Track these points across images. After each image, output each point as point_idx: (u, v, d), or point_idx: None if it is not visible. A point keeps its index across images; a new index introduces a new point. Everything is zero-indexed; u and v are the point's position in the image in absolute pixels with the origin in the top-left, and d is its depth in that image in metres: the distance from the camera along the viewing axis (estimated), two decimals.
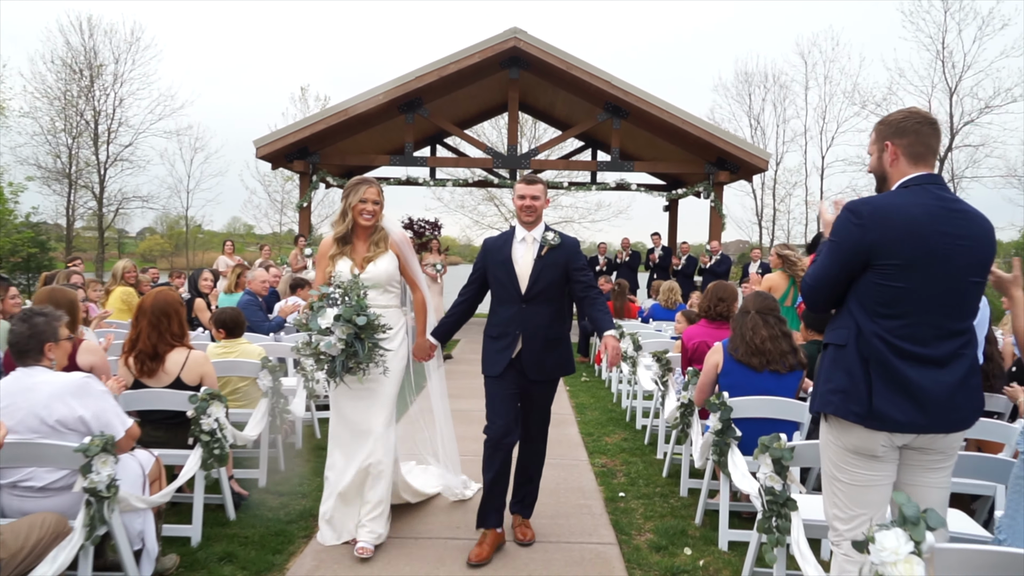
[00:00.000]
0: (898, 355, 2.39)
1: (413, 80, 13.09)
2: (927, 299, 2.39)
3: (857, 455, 2.46)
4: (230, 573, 3.62)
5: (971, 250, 2.40)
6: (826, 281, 2.53)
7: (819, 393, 2.57)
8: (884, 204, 2.44)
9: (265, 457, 4.95)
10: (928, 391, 2.38)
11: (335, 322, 3.62)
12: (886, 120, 2.57)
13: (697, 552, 3.96)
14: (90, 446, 2.82)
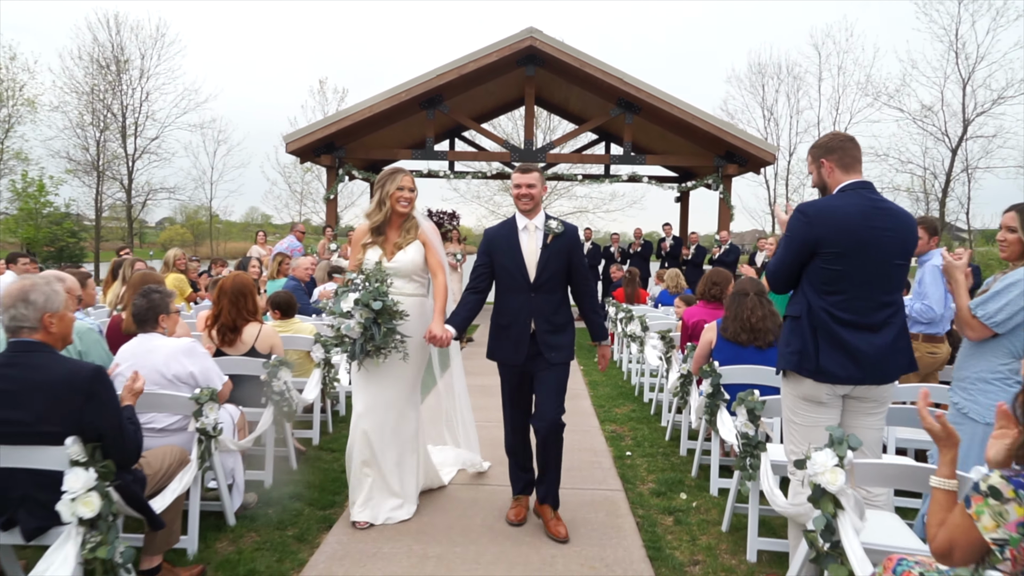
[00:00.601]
0: (839, 323, 3.07)
1: (434, 78, 13.74)
2: (861, 279, 3.06)
3: (807, 402, 3.15)
4: (299, 508, 4.36)
5: (894, 239, 3.06)
6: (783, 268, 3.21)
7: (782, 355, 3.25)
8: (826, 205, 3.11)
9: (318, 420, 5.70)
10: (863, 351, 3.06)
11: (355, 306, 3.82)
12: (817, 144, 3.26)
13: (691, 497, 4.66)
14: (201, 395, 3.56)
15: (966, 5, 27.65)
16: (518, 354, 3.99)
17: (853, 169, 3.20)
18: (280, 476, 4.82)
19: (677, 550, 3.88)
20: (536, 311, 3.98)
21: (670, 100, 13.64)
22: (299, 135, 14.44)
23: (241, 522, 4.10)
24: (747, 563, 3.72)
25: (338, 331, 3.94)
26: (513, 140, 28.70)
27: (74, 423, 2.65)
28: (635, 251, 15.25)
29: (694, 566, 3.71)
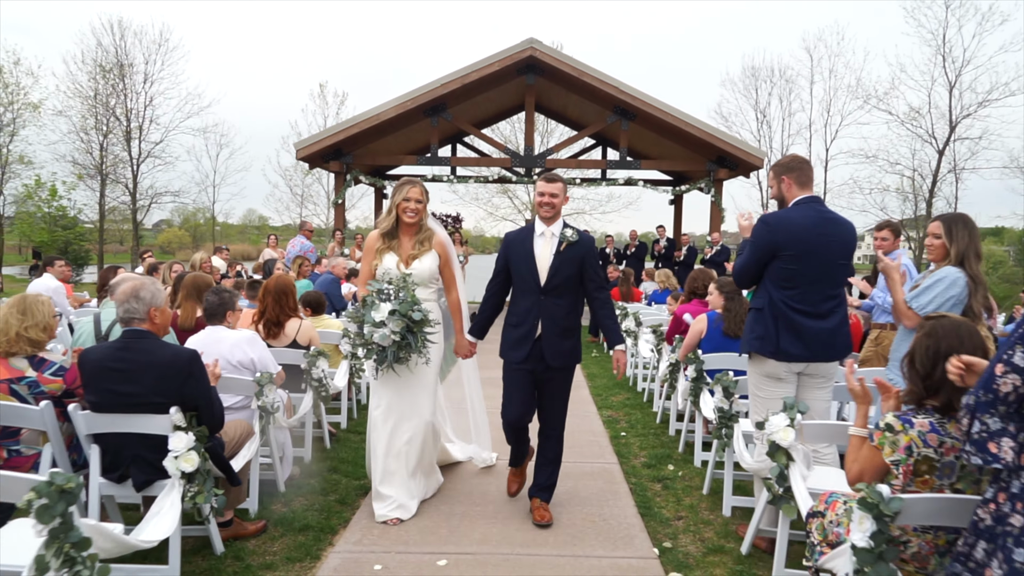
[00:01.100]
0: (795, 312, 3.73)
1: (438, 87, 14.40)
2: (812, 276, 3.73)
3: (768, 378, 3.82)
4: (337, 479, 5.01)
5: (839, 244, 3.74)
6: (749, 268, 3.87)
7: (747, 340, 3.92)
8: (783, 216, 3.78)
9: (345, 406, 6.37)
10: (814, 335, 3.73)
11: (389, 316, 3.94)
12: (779, 163, 3.93)
13: (677, 468, 5.33)
14: (262, 378, 4.21)
15: (953, 10, 28.37)
16: (519, 352, 4.17)
17: (807, 186, 3.88)
18: (317, 453, 5.48)
19: (664, 509, 4.55)
20: (545, 314, 4.12)
21: (664, 107, 14.31)
22: (309, 142, 15.12)
23: (289, 489, 4.75)
24: (723, 517, 4.39)
25: (368, 339, 4.04)
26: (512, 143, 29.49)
27: (176, 396, 3.31)
28: (631, 252, 15.93)
29: (678, 520, 4.38)
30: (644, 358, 7.95)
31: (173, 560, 3.34)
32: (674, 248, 15.69)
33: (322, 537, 4.03)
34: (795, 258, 3.71)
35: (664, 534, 4.17)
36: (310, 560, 3.76)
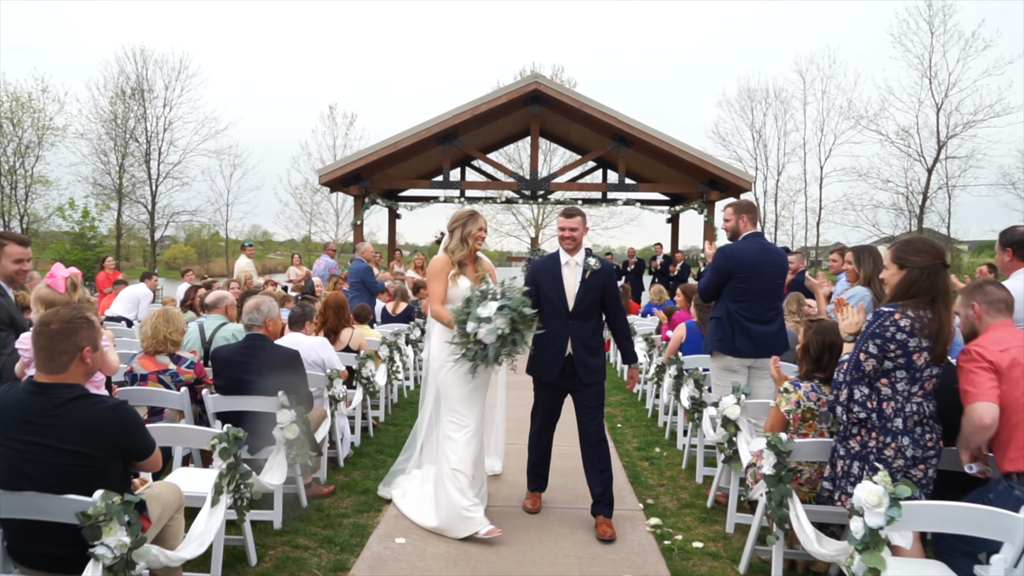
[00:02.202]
0: (747, 320, 4.90)
1: (451, 118, 15.66)
2: (758, 293, 4.89)
3: (725, 370, 4.98)
4: (383, 459, 6.15)
5: (776, 268, 4.93)
6: (711, 287, 5.04)
7: (710, 342, 5.07)
8: (737, 248, 4.96)
9: (383, 399, 7.53)
10: (761, 337, 4.89)
11: (498, 311, 4.09)
12: (738, 204, 5.10)
13: (662, 450, 6.48)
14: (332, 373, 5.38)
15: (938, 36, 29.74)
16: (551, 372, 4.53)
17: (755, 224, 5.06)
18: (364, 439, 6.64)
19: (649, 478, 5.69)
20: (573, 335, 4.50)
21: (659, 135, 15.54)
22: (330, 169, 16.40)
23: (347, 466, 5.90)
24: (696, 484, 5.53)
25: (471, 336, 4.17)
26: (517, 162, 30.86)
27: (282, 384, 4.47)
28: (630, 268, 17.10)
29: (660, 487, 5.52)
30: (639, 363, 9.10)
31: (277, 507, 4.51)
32: (669, 264, 16.85)
33: (380, 497, 5.18)
34: (745, 279, 4.88)
35: (648, 495, 5.31)
36: (373, 512, 4.90)
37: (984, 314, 3.32)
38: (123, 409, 2.81)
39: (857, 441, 3.27)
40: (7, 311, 4.13)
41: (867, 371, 3.20)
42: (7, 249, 4.27)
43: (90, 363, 2.82)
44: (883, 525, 2.60)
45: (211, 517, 3.39)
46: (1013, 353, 3.12)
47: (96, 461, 2.71)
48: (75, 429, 2.69)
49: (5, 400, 2.75)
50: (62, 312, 2.80)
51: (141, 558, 2.61)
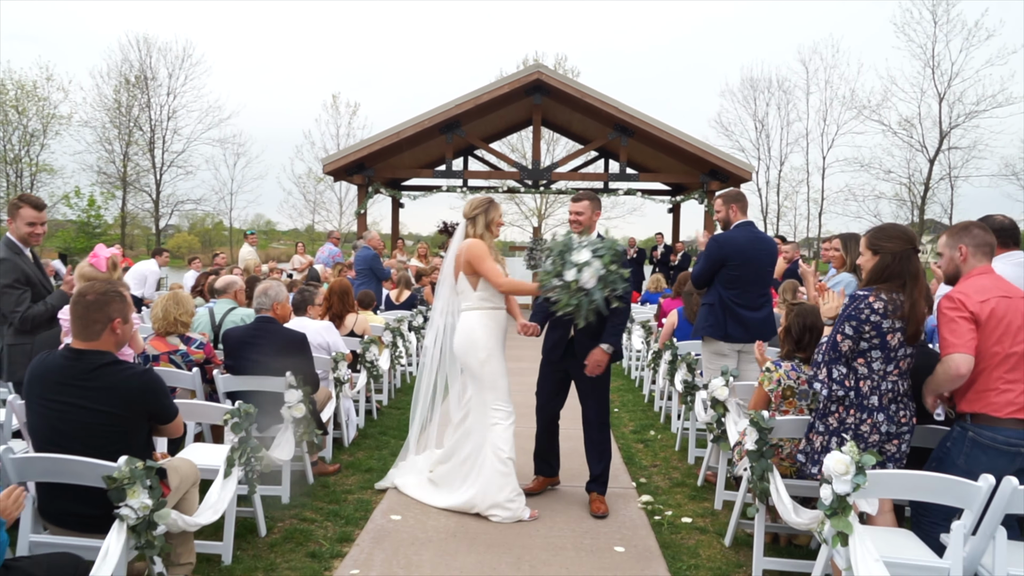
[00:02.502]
0: (738, 306, 5.08)
1: (453, 107, 15.80)
2: (749, 280, 5.07)
3: (717, 355, 5.16)
4: (387, 440, 6.36)
5: (766, 256, 5.10)
6: (704, 274, 5.22)
7: (701, 327, 5.25)
8: (729, 236, 5.13)
9: (386, 384, 7.74)
10: (751, 322, 5.07)
11: (592, 254, 4.14)
12: (727, 194, 5.26)
13: (657, 433, 6.68)
14: (337, 356, 5.58)
15: (941, 26, 29.73)
16: (557, 352, 4.70)
17: (745, 213, 5.23)
18: (368, 421, 6.85)
19: (643, 459, 5.89)
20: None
21: (660, 125, 15.67)
22: (335, 158, 16.55)
23: (352, 446, 6.11)
24: (687, 464, 5.74)
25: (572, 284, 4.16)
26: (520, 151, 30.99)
27: (290, 364, 4.67)
28: (630, 257, 17.28)
29: (653, 467, 5.72)
30: (636, 350, 9.29)
31: (284, 483, 4.72)
32: (670, 254, 17.02)
33: (383, 475, 5.37)
34: (737, 267, 5.06)
35: (642, 475, 5.51)
36: (376, 492, 5.11)
37: (970, 256, 3.37)
38: (150, 375, 3.07)
39: (835, 418, 3.45)
40: (23, 270, 4.38)
41: (843, 351, 3.37)
42: (22, 212, 4.52)
43: (120, 334, 3.05)
44: (850, 492, 2.78)
45: (224, 488, 3.60)
46: (992, 304, 3.20)
47: (124, 421, 2.97)
48: (106, 392, 2.94)
49: (44, 364, 3.01)
50: (97, 286, 3.06)
51: (162, 520, 2.82)
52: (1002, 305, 3.21)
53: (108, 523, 2.74)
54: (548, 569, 3.86)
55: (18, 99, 30.27)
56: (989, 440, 3.13)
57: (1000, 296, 3.24)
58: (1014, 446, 3.09)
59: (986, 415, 3.16)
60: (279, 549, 4.04)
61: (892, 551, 2.92)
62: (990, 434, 3.13)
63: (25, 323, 4.24)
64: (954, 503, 2.85)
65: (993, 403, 3.14)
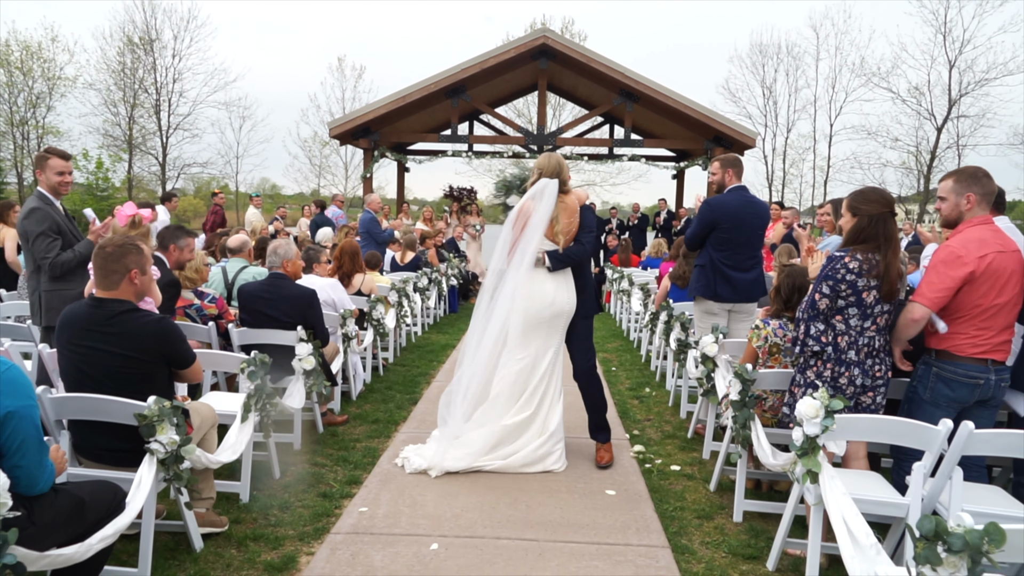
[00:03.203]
0: (728, 268, 5.28)
1: (459, 72, 15.82)
2: (739, 242, 5.26)
3: (707, 314, 5.38)
4: (392, 394, 6.63)
5: (757, 220, 5.28)
6: (696, 237, 5.40)
7: (694, 288, 5.46)
8: (722, 200, 5.31)
9: (392, 342, 8.00)
10: (740, 283, 5.28)
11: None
12: (726, 159, 5.41)
13: (652, 390, 6.94)
14: (345, 313, 5.82)
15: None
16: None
17: (740, 178, 5.40)
18: (375, 377, 7.13)
19: (637, 413, 6.16)
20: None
21: (665, 91, 15.68)
22: (340, 122, 16.65)
23: (359, 400, 6.39)
24: (679, 418, 6.00)
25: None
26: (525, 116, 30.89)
27: (301, 319, 4.91)
28: (632, 223, 17.41)
29: (647, 421, 5.99)
30: (636, 312, 9.51)
31: (296, 431, 5.00)
32: (672, 220, 17.14)
33: (389, 426, 5.66)
34: (728, 229, 5.25)
35: (635, 427, 5.78)
36: (383, 438, 5.38)
37: (976, 205, 3.45)
38: (166, 323, 3.30)
39: (814, 372, 3.67)
40: (55, 219, 4.60)
41: (821, 309, 3.58)
42: (50, 162, 4.71)
43: (139, 284, 3.27)
44: (819, 433, 3.02)
45: (241, 431, 3.86)
46: (990, 259, 3.33)
47: (143, 365, 3.21)
48: (125, 337, 3.17)
49: (72, 312, 3.26)
50: (116, 239, 3.27)
51: (188, 455, 3.08)
52: (998, 260, 3.35)
53: (137, 457, 3.01)
54: (543, 509, 4.14)
55: (23, 60, 30.22)
56: (951, 373, 3.40)
57: (997, 251, 3.36)
58: (974, 378, 3.37)
59: (950, 352, 3.42)
60: (292, 490, 4.33)
61: (859, 489, 3.16)
62: (952, 367, 3.40)
63: (55, 269, 4.46)
64: (915, 445, 3.09)
65: (959, 344, 3.39)
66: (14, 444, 2.23)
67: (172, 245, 4.74)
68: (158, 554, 3.35)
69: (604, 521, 4.00)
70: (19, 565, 2.09)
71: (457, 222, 16.45)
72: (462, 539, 3.73)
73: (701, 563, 3.57)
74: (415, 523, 3.91)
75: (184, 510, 3.35)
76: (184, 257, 4.82)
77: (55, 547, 2.35)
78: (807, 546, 3.20)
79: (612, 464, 4.88)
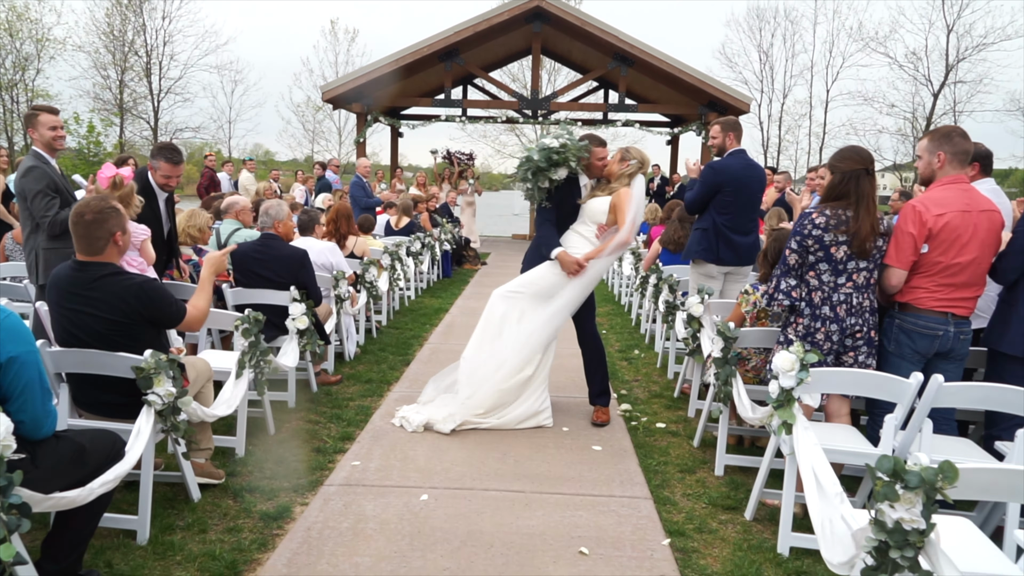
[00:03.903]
0: (729, 231, 5.34)
1: (452, 34, 15.67)
2: (741, 206, 5.32)
3: (706, 277, 5.46)
4: (386, 356, 6.74)
5: (757, 183, 5.36)
6: (699, 200, 5.44)
7: (694, 251, 5.52)
8: (724, 163, 5.35)
9: (385, 305, 8.10)
10: (741, 246, 5.36)
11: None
12: (726, 121, 5.43)
13: (641, 352, 7.06)
14: (338, 275, 5.89)
15: None
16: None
17: (739, 141, 5.44)
18: (368, 339, 7.23)
19: (626, 374, 6.29)
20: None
21: (659, 55, 15.57)
22: (333, 86, 16.51)
23: (353, 360, 6.49)
24: (667, 379, 6.13)
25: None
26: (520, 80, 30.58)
27: (294, 279, 4.98)
28: None
29: (635, 382, 6.12)
30: (627, 276, 9.61)
31: (291, 389, 5.10)
32: (666, 186, 17.17)
33: (382, 385, 5.77)
34: (732, 193, 5.30)
35: (623, 387, 5.91)
36: (376, 397, 5.50)
37: (947, 163, 3.56)
38: (148, 285, 3.30)
39: (792, 328, 3.77)
40: (51, 177, 4.63)
41: (792, 264, 3.68)
42: (41, 119, 4.72)
43: (122, 244, 3.29)
44: (794, 386, 3.13)
45: (236, 386, 3.96)
46: (947, 218, 3.45)
47: (128, 327, 3.23)
48: (108, 300, 3.20)
49: (58, 275, 3.28)
50: (93, 204, 3.20)
51: (184, 406, 3.18)
52: (956, 219, 3.45)
53: (135, 410, 3.09)
54: (531, 463, 4.27)
55: (10, 22, 29.71)
56: (912, 325, 3.54)
57: (958, 211, 3.46)
58: (933, 330, 3.51)
59: (911, 305, 3.56)
60: (287, 445, 4.45)
61: (832, 441, 3.29)
62: (913, 319, 3.55)
63: (54, 227, 4.49)
64: (887, 397, 3.20)
65: (920, 298, 3.53)
66: (17, 388, 2.31)
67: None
68: (157, 504, 3.47)
69: (590, 474, 4.13)
70: (24, 505, 2.19)
71: (452, 187, 16.43)
72: (451, 490, 3.86)
73: (681, 513, 3.70)
74: (406, 476, 4.03)
75: (182, 461, 3.46)
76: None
77: (58, 491, 2.44)
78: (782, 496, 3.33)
79: (609, 423, 5.02)
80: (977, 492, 2.17)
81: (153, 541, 3.20)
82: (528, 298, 4.89)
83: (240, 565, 3.07)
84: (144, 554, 3.10)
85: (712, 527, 3.56)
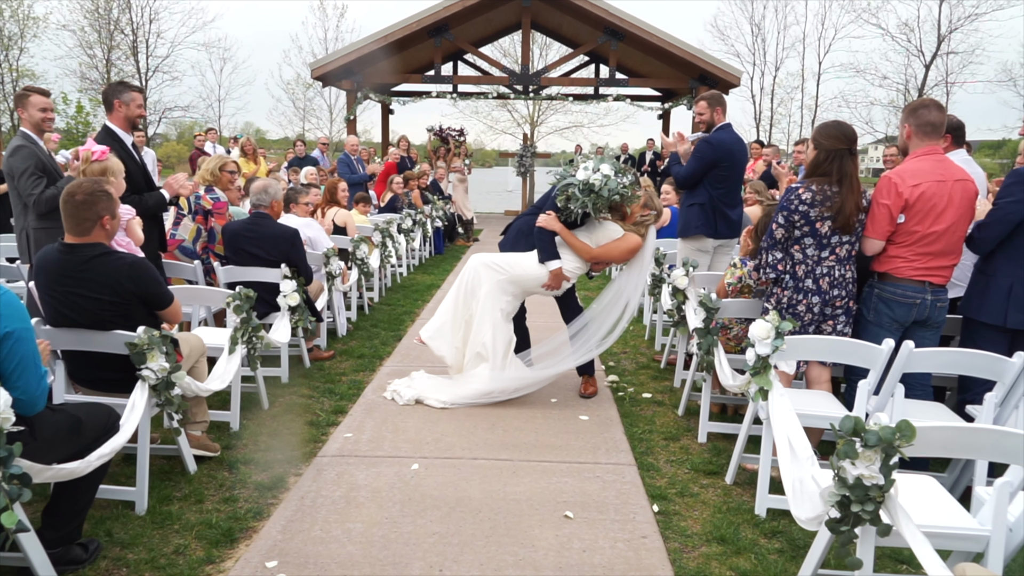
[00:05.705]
0: (724, 206, 5.42)
1: (442, 9, 15.57)
2: (734, 180, 5.41)
3: (700, 251, 5.55)
4: (378, 332, 6.82)
5: (744, 156, 5.44)
6: (694, 175, 5.49)
7: (693, 227, 5.59)
8: (721, 138, 5.40)
9: (377, 282, 8.16)
10: (734, 220, 5.44)
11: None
12: (713, 96, 5.48)
13: (630, 325, 7.14)
14: (329, 252, 5.95)
15: None
16: None
17: (725, 115, 5.50)
18: (360, 316, 7.31)
19: (614, 347, 6.36)
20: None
21: (650, 29, 15.51)
22: (323, 63, 16.41)
23: (345, 336, 6.58)
24: (654, 350, 6.25)
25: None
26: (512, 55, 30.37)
27: (284, 257, 5.05)
28: None
29: (623, 354, 6.23)
30: None
31: (283, 365, 5.19)
32: (657, 159, 17.20)
33: (374, 360, 5.86)
34: (728, 168, 5.38)
35: (611, 359, 6.02)
36: (368, 372, 5.59)
37: (913, 135, 3.65)
38: (139, 264, 3.35)
39: (775, 299, 3.87)
40: (39, 157, 4.66)
41: (778, 238, 3.76)
42: (31, 99, 4.74)
43: (110, 228, 3.32)
44: (770, 353, 3.23)
45: (229, 361, 4.04)
46: (923, 188, 3.53)
47: (121, 307, 3.27)
48: (99, 281, 3.23)
49: (45, 258, 3.29)
50: (84, 185, 3.24)
51: (178, 380, 3.26)
52: (931, 189, 3.54)
53: (130, 385, 3.18)
54: (519, 433, 4.38)
55: None
56: (890, 294, 3.64)
57: (934, 181, 3.55)
58: (910, 298, 3.61)
59: (890, 274, 3.66)
60: (281, 419, 4.55)
61: (807, 407, 3.40)
62: (891, 288, 3.65)
63: (41, 206, 4.52)
64: (860, 363, 3.31)
65: (898, 267, 3.63)
66: (12, 363, 2.38)
67: (116, 101, 4.70)
68: (154, 476, 3.56)
69: (576, 443, 4.25)
70: (25, 475, 2.27)
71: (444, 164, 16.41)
72: (441, 460, 3.97)
73: (664, 478, 3.83)
74: (397, 446, 4.14)
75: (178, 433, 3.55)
76: (132, 112, 4.74)
77: (56, 462, 2.53)
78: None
79: (596, 394, 5.12)
80: (937, 449, 2.27)
81: (151, 511, 3.30)
82: (505, 280, 4.93)
83: (236, 532, 3.18)
84: (143, 523, 3.20)
85: (693, 491, 3.68)
